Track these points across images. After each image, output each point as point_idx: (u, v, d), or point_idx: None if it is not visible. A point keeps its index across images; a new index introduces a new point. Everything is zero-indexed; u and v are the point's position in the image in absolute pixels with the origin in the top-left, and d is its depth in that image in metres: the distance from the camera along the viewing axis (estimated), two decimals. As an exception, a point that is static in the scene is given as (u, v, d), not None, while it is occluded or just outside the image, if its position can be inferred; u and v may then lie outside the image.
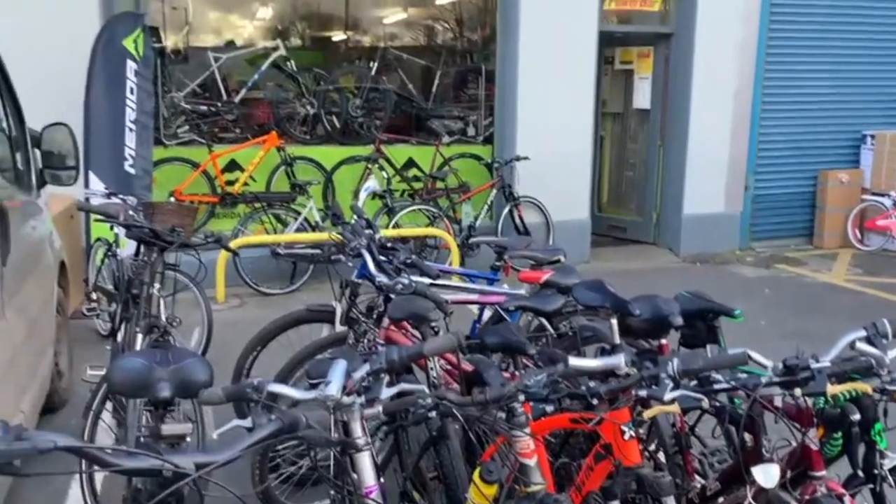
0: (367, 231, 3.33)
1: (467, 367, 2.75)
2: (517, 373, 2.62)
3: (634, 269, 8.00)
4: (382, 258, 3.24)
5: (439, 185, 7.70)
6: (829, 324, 5.93)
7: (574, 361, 1.79)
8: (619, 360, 1.82)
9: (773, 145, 8.73)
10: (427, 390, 1.64)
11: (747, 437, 2.17)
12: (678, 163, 8.42)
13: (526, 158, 7.61)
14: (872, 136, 8.76)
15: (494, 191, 7.72)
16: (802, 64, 8.61)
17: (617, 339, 2.70)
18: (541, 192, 7.77)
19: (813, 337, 5.45)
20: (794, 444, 2.12)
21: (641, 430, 2.22)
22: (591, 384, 1.91)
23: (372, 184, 7.56)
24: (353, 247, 3.14)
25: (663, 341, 2.80)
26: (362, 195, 7.37)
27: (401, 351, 1.66)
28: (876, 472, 2.21)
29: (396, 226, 7.27)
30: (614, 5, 8.20)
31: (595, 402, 1.91)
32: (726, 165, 8.50)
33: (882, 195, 8.52)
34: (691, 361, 1.84)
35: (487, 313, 3.73)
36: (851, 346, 2.17)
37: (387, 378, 1.68)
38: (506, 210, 7.68)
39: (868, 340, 2.14)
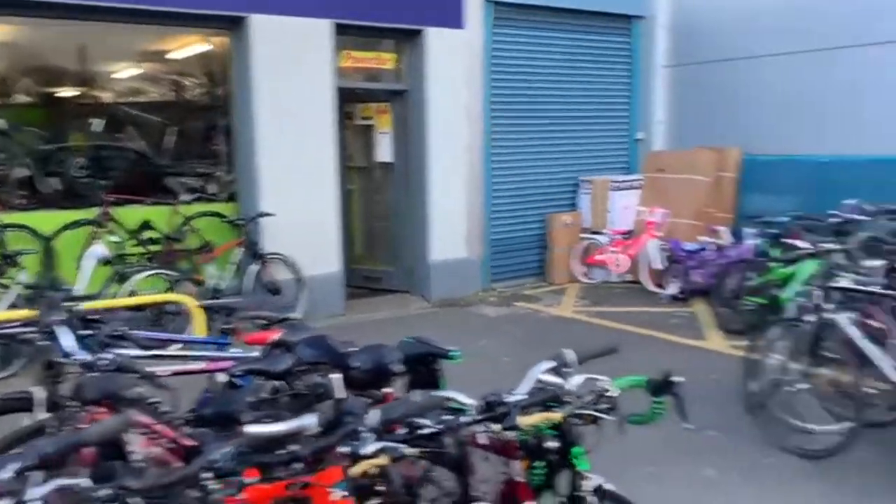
0: (67, 303, 3.01)
1: (187, 442, 2.56)
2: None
3: (389, 318, 8.14)
4: (88, 332, 2.95)
5: (179, 246, 7.29)
6: None
7: (253, 429, 1.72)
8: (309, 421, 1.79)
9: (504, 193, 9.45)
10: (91, 482, 1.47)
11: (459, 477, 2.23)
12: (422, 213, 8.79)
13: (270, 215, 7.48)
14: (587, 182, 9.82)
15: (240, 249, 7.47)
16: (523, 120, 9.47)
17: (341, 394, 2.67)
18: (289, 248, 7.67)
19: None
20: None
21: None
22: (295, 448, 1.85)
23: (98, 249, 7.01)
24: (46, 323, 2.81)
25: (388, 390, 2.82)
26: (86, 263, 6.84)
27: (58, 442, 1.48)
28: (578, 493, 2.38)
29: (133, 293, 6.74)
30: (350, 62, 8.44)
31: (300, 465, 1.85)
32: (465, 214, 9.03)
33: (598, 233, 9.54)
34: (391, 411, 1.86)
35: (222, 380, 3.55)
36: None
37: (39, 476, 1.48)
38: (253, 269, 7.46)
39: (556, 370, 2.32)
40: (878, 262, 4.25)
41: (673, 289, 8.40)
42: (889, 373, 3.99)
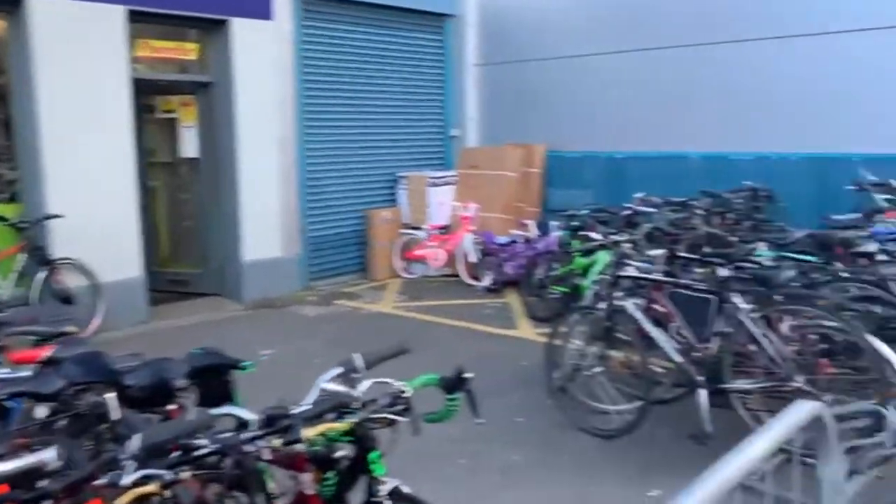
0: None
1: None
2: None
3: (199, 323, 7.73)
4: None
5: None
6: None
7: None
8: (48, 456, 1.60)
9: (321, 189, 9.28)
10: None
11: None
12: (231, 210, 8.42)
13: (58, 216, 6.83)
14: (405, 177, 9.88)
15: (23, 255, 6.75)
16: (338, 115, 9.36)
17: (116, 415, 2.45)
18: (84, 252, 7.04)
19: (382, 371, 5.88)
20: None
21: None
22: (46, 482, 1.65)
23: None
24: None
25: (172, 406, 2.63)
26: None
27: None
28: (374, 499, 2.33)
29: None
30: (148, 52, 7.89)
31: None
32: (279, 210, 8.76)
33: (418, 229, 9.64)
34: (153, 435, 1.70)
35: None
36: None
37: None
38: (41, 276, 6.76)
39: (345, 376, 2.25)
40: (659, 251, 4.60)
41: (487, 281, 8.67)
42: (672, 354, 4.33)
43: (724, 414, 4.15)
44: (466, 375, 2.43)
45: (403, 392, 2.35)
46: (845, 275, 4.43)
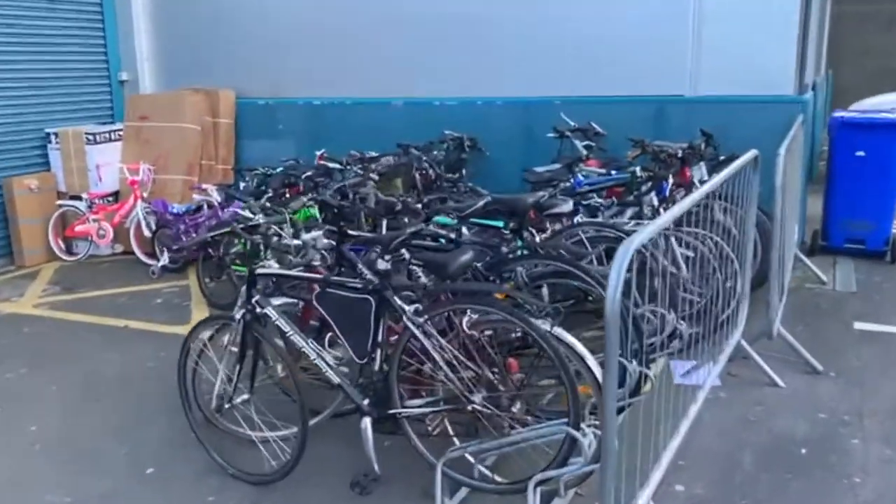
0: None
1: None
2: None
3: None
4: None
5: None
6: None
7: None
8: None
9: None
10: None
11: None
12: None
13: None
14: (56, 135, 7.88)
15: None
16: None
17: None
18: None
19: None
20: None
21: None
22: None
23: None
24: None
25: None
26: None
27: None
28: None
29: None
30: None
31: None
32: None
33: (77, 198, 7.76)
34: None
35: None
36: None
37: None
38: None
39: None
40: (314, 233, 3.52)
41: (164, 259, 7.12)
42: (329, 373, 3.31)
43: (404, 444, 3.23)
44: None
45: None
46: (531, 251, 3.68)
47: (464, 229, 3.78)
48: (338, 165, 5.81)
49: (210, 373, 3.62)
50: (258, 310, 3.28)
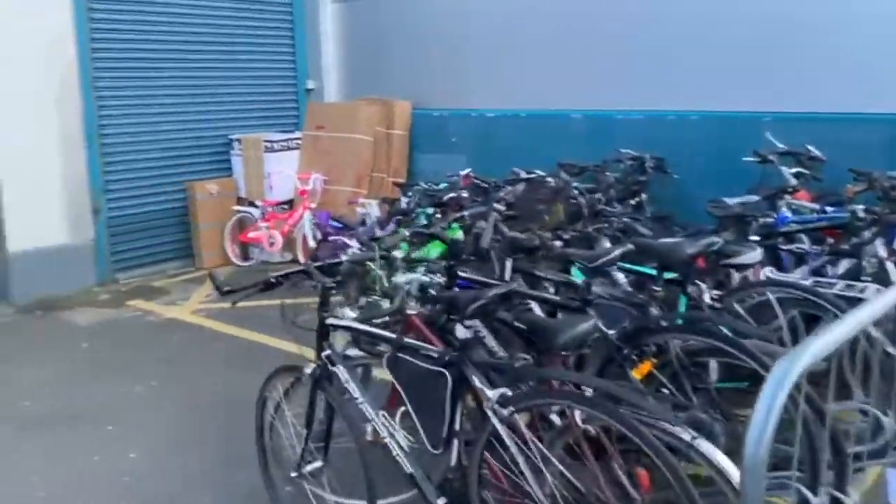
0: None
1: None
2: None
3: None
4: None
5: None
6: (119, 386, 4.73)
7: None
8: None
9: (123, 157, 7.39)
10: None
11: None
12: (-12, 188, 6.53)
13: None
14: (239, 141, 8.02)
15: None
16: (146, 58, 7.41)
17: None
18: None
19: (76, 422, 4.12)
20: None
21: None
22: None
23: None
24: None
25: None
26: None
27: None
28: None
29: None
30: None
31: None
32: (62, 186, 6.89)
33: (254, 205, 7.83)
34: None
35: None
36: None
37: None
38: None
39: None
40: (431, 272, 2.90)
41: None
42: (401, 459, 2.65)
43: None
44: None
45: None
46: (687, 321, 2.76)
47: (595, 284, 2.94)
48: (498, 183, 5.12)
49: (287, 429, 3.12)
50: (329, 367, 2.72)
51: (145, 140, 7.52)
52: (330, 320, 2.76)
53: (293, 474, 2.95)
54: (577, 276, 3.13)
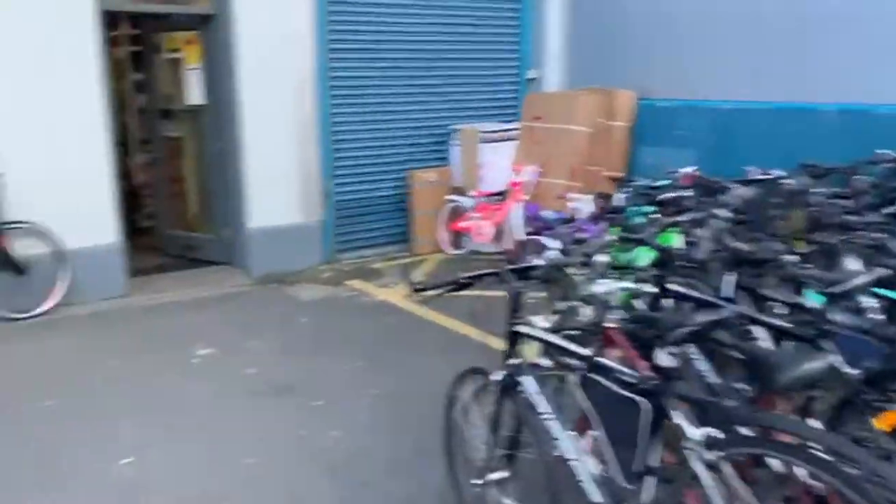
0: None
1: None
2: None
3: (179, 301, 6.62)
4: None
5: None
6: (330, 364, 4.98)
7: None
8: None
9: (352, 144, 7.77)
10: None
11: None
12: (235, 168, 7.17)
13: (-4, 174, 5.94)
14: (458, 131, 8.10)
15: (-43, 217, 5.91)
16: (376, 54, 7.71)
17: None
18: (43, 215, 6.13)
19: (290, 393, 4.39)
20: None
21: None
22: None
23: None
24: None
25: None
26: None
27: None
28: None
29: None
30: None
31: None
32: (296, 169, 7.39)
33: (466, 195, 7.89)
34: None
35: None
36: None
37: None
38: (-18, 242, 5.92)
39: None
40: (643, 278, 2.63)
41: (531, 267, 6.76)
42: (587, 488, 2.41)
43: None
44: None
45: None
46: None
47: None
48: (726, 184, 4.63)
49: (474, 432, 3.02)
50: (516, 376, 2.56)
51: (371, 129, 7.84)
52: (519, 328, 2.60)
53: (478, 481, 2.85)
54: (812, 299, 2.68)
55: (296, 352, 5.34)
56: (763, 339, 2.51)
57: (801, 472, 1.91)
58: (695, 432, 1.96)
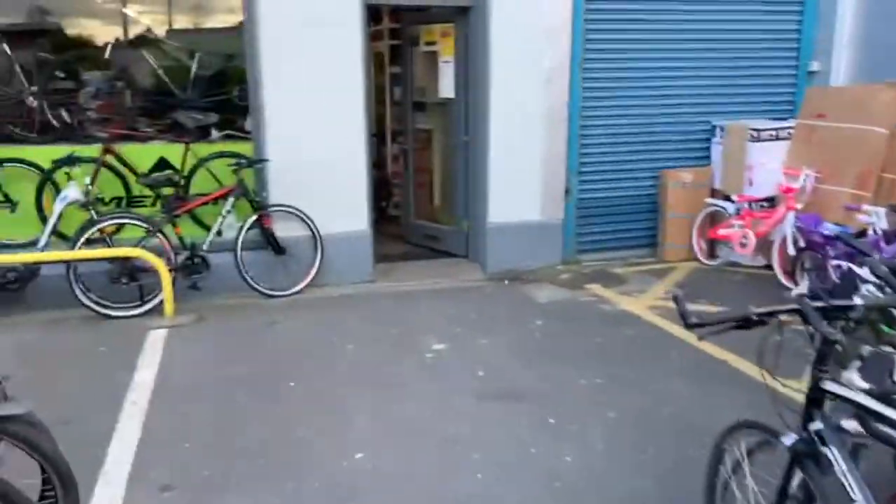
0: None
1: None
2: None
3: (420, 291, 6.69)
4: None
5: (166, 191, 6.39)
6: (564, 375, 4.66)
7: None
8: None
9: (600, 140, 7.33)
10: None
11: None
12: (480, 161, 7.08)
13: (262, 161, 6.34)
14: (722, 128, 7.33)
15: (230, 199, 6.38)
16: (634, 41, 7.19)
17: None
18: (303, 200, 6.49)
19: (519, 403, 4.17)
20: None
21: None
22: None
23: (71, 192, 6.35)
24: None
25: None
26: (56, 206, 6.20)
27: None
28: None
29: (108, 244, 6.11)
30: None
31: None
32: (540, 165, 7.13)
33: (728, 199, 7.11)
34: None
35: None
36: None
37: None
38: (248, 222, 6.36)
39: None
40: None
41: (803, 287, 5.89)
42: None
43: None
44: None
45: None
46: None
47: None
48: None
49: (746, 494, 2.50)
50: (819, 445, 2.02)
51: (622, 123, 7.35)
52: (828, 385, 2.05)
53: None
54: None
55: (528, 357, 5.07)
56: None
57: None
58: None
